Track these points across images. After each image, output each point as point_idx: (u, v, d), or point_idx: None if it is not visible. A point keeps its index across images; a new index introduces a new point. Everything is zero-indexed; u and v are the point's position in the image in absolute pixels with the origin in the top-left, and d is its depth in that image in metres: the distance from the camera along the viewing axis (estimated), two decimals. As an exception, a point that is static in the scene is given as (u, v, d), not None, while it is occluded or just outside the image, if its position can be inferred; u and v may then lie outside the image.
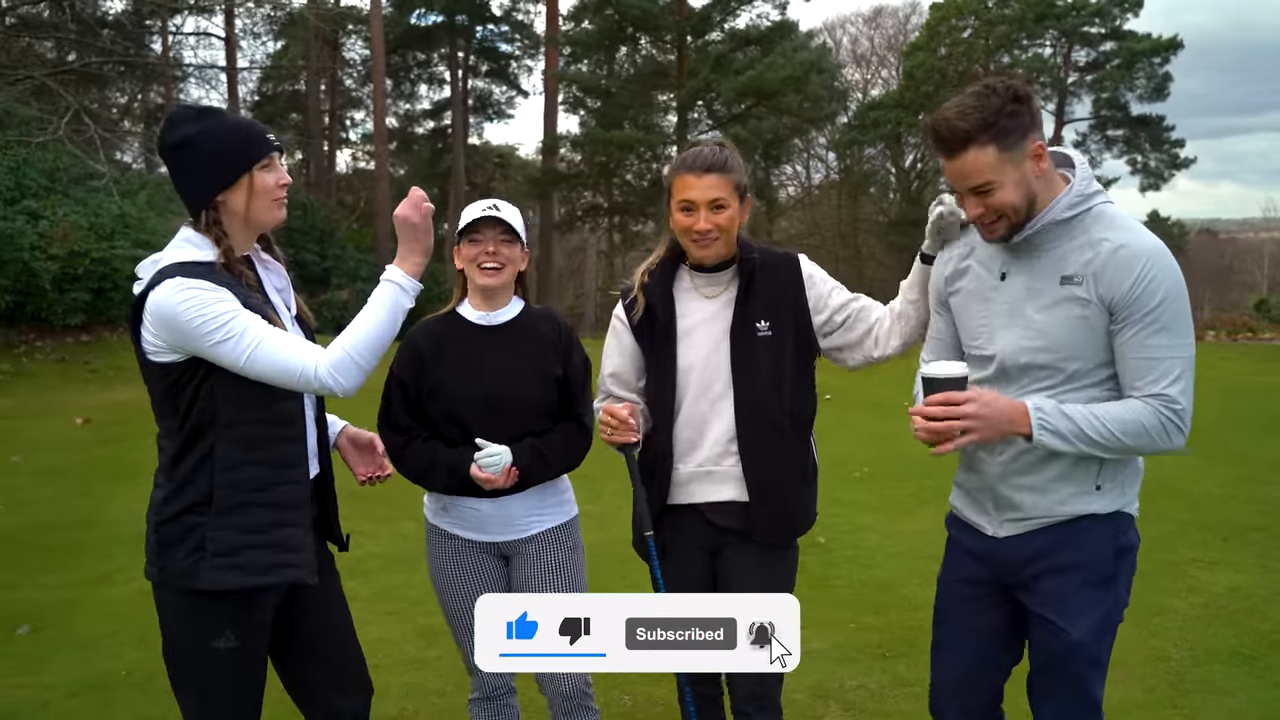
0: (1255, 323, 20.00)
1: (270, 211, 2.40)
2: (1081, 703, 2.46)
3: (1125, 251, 2.25)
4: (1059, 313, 2.32)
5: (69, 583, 5.68)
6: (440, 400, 2.87)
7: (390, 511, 6.79)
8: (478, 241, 2.83)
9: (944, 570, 2.71)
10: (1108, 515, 2.39)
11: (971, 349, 2.50)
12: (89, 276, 15.37)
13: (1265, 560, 5.67)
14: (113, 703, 4.14)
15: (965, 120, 2.23)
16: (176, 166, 2.37)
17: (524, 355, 2.90)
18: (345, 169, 39.22)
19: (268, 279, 2.49)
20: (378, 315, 2.38)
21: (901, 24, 44.69)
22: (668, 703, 4.06)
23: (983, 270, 2.47)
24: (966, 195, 2.32)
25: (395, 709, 4.07)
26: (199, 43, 31.68)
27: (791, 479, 2.81)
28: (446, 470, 2.83)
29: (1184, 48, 32.92)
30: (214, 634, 2.37)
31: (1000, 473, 2.45)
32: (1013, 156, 2.25)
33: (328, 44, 32.87)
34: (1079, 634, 2.39)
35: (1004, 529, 2.48)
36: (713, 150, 2.72)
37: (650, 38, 31.92)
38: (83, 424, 10.76)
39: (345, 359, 2.31)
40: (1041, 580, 2.43)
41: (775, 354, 2.75)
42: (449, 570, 2.97)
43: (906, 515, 6.76)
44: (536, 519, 2.95)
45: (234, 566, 2.31)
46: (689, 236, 2.70)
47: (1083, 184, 2.33)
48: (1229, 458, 8.06)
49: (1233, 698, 3.99)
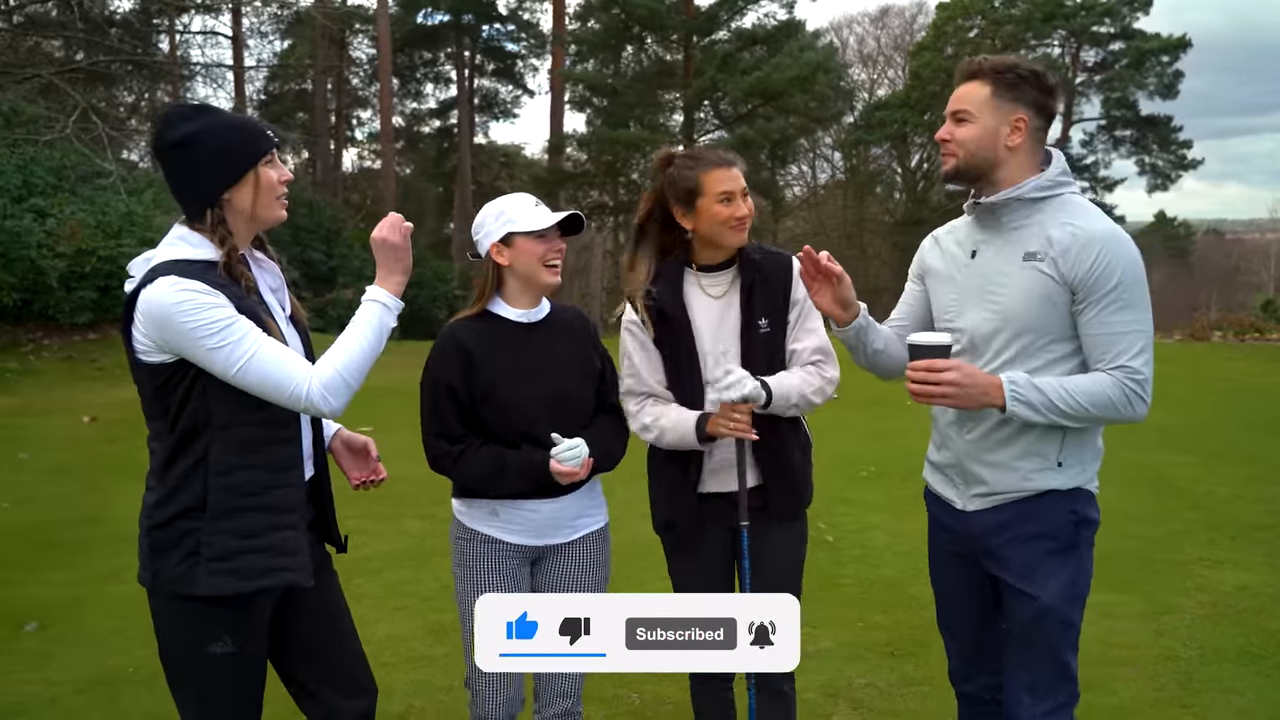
0: (1262, 323, 19.92)
1: (273, 209, 2.38)
2: (1057, 669, 2.56)
3: (1084, 236, 2.43)
4: (1021, 287, 2.48)
5: (76, 579, 5.69)
6: (497, 402, 2.78)
7: (395, 509, 6.80)
8: (545, 239, 2.79)
9: (930, 545, 2.87)
10: (1068, 490, 2.54)
11: (942, 323, 2.68)
12: (96, 275, 15.39)
13: (1273, 559, 5.65)
14: (120, 699, 4.14)
15: (985, 62, 2.53)
16: (177, 165, 2.33)
17: (571, 351, 2.90)
18: (351, 168, 39.35)
19: (262, 279, 2.45)
20: (365, 335, 2.35)
21: (908, 24, 44.65)
22: (676, 701, 4.06)
23: (956, 249, 2.68)
24: (949, 119, 2.57)
25: (402, 706, 4.07)
26: (206, 41, 31.79)
27: (798, 459, 2.99)
28: (519, 473, 2.75)
29: (1193, 46, 32.86)
30: (210, 639, 2.33)
31: (968, 449, 2.60)
32: (998, 107, 2.49)
33: (334, 43, 32.93)
34: (1048, 598, 2.52)
35: (972, 503, 2.63)
36: (723, 150, 2.94)
37: (657, 37, 31.93)
38: (90, 421, 10.78)
39: (337, 379, 2.28)
40: (1008, 549, 2.57)
41: (774, 349, 2.92)
42: (487, 575, 2.84)
43: (913, 514, 6.71)
44: (586, 519, 2.94)
45: (229, 571, 2.28)
46: (729, 225, 2.86)
47: (1054, 172, 2.53)
48: (1236, 458, 8.04)
49: (1242, 697, 3.98)
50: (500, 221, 2.79)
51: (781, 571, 2.98)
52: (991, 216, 2.56)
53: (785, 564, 3.00)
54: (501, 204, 2.83)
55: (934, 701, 4.01)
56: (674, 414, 2.92)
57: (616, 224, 34.99)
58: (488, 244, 2.80)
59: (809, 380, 2.88)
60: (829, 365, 2.92)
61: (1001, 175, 2.52)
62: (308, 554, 2.41)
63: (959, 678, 2.87)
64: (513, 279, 2.83)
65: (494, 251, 2.80)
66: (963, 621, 2.81)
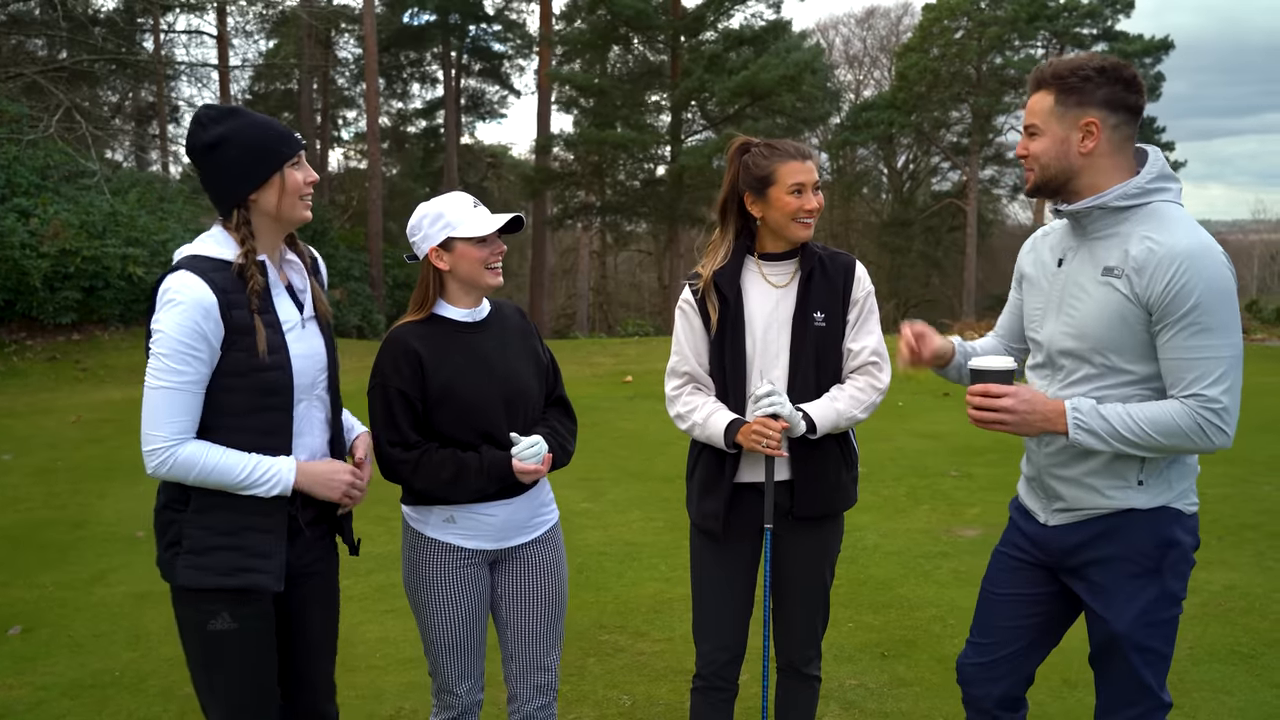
0: (1247, 323, 20.09)
1: (297, 209, 2.45)
2: (1135, 688, 2.50)
3: (1162, 251, 2.28)
4: (1096, 303, 2.38)
5: (61, 582, 5.65)
6: (454, 402, 2.73)
7: (387, 511, 6.76)
8: (485, 243, 2.75)
9: (998, 547, 2.80)
10: (1151, 510, 2.44)
11: (1028, 332, 2.63)
12: (80, 275, 15.31)
13: (1262, 559, 5.68)
14: (107, 703, 4.10)
15: (1049, 67, 2.41)
16: (209, 167, 2.39)
17: (519, 346, 2.89)
18: (337, 168, 39.15)
19: (292, 278, 2.53)
20: (237, 476, 2.35)
21: (894, 25, 44.88)
22: (668, 702, 4.04)
23: (1048, 255, 2.58)
24: (1023, 132, 2.47)
25: (392, 708, 4.04)
26: (191, 41, 31.65)
27: (832, 463, 2.95)
28: (479, 474, 2.71)
29: (1175, 48, 33.05)
30: (209, 616, 2.41)
31: (1046, 464, 2.55)
32: (1064, 115, 2.37)
33: (320, 43, 32.79)
34: (1119, 624, 2.47)
35: (1054, 518, 2.57)
36: (799, 142, 2.96)
37: (643, 37, 31.90)
38: (76, 421, 10.70)
39: (183, 472, 2.33)
40: (1087, 570, 2.52)
41: (827, 343, 2.93)
42: (449, 584, 2.80)
43: (902, 514, 6.76)
44: (540, 519, 2.92)
45: (201, 566, 2.37)
46: (797, 217, 2.88)
47: (1145, 179, 2.38)
48: (1224, 457, 8.05)
49: (1233, 697, 3.99)
50: (439, 225, 2.72)
51: (802, 577, 3.01)
52: (1079, 225, 2.45)
53: (807, 569, 3.01)
54: (439, 206, 2.75)
55: (925, 702, 4.01)
56: (707, 411, 2.91)
57: (603, 224, 34.97)
58: (426, 247, 2.75)
59: (859, 399, 2.89)
60: (883, 370, 2.94)
61: (1084, 183, 2.40)
62: (281, 559, 2.44)
63: (969, 676, 2.76)
64: (454, 282, 2.79)
65: (433, 256, 2.75)
66: (1000, 624, 2.70)
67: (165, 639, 4.55)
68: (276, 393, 2.40)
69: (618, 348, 18.48)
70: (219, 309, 2.30)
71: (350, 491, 2.55)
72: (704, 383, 3.00)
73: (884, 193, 44.46)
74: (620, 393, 12.67)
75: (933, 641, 4.59)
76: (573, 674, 4.29)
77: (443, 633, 2.82)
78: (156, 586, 5.26)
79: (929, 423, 9.43)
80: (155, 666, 4.41)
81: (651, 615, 5.03)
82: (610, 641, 4.70)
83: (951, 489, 7.46)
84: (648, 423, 10.38)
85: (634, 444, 9.33)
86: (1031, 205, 38.54)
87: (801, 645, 3.06)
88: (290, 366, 2.41)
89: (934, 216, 40.29)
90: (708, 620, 3.05)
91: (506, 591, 2.90)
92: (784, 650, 3.08)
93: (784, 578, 3.02)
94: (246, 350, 2.34)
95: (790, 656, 3.08)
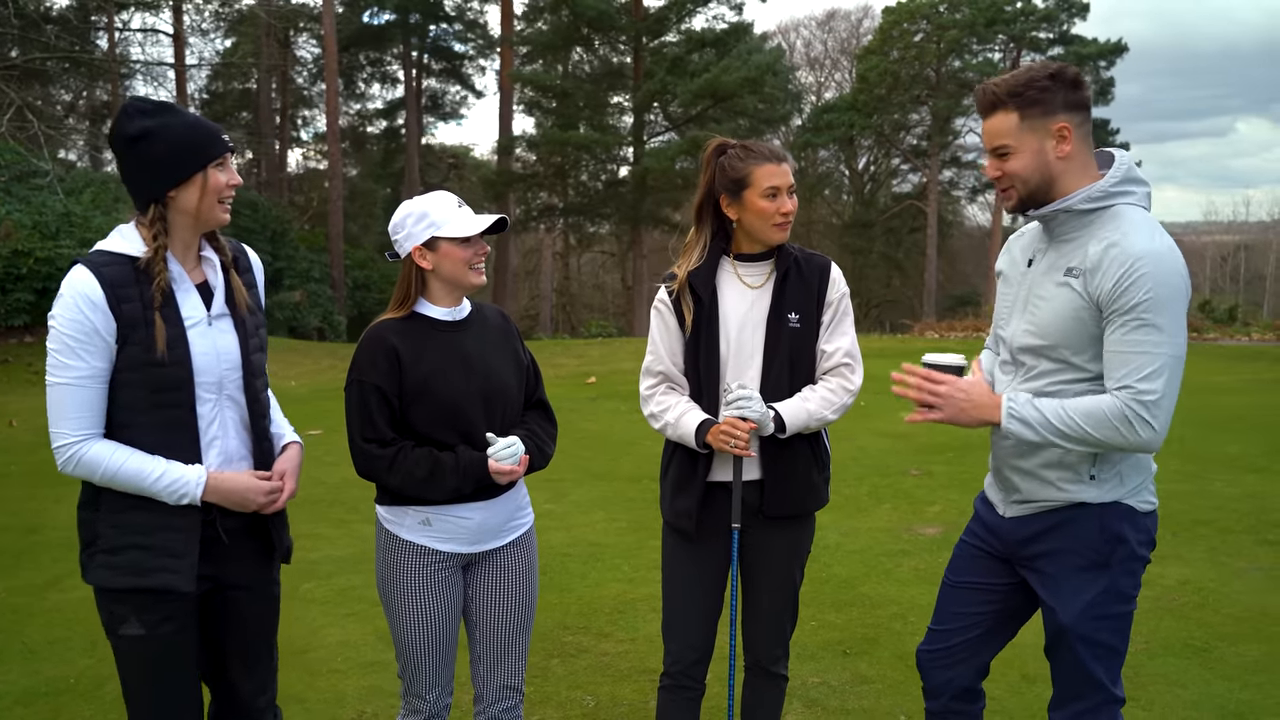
0: (1200, 323, 20.44)
1: (215, 211, 2.42)
2: (1084, 680, 2.54)
3: (1117, 251, 2.32)
4: (1056, 302, 2.43)
5: (15, 588, 5.55)
6: (430, 401, 2.70)
7: (346, 514, 6.72)
8: (470, 243, 2.73)
9: (961, 539, 2.84)
10: (1102, 505, 2.47)
11: (996, 329, 2.68)
12: (33, 276, 15.06)
13: (1214, 554, 5.77)
14: (62, 711, 4.03)
15: (999, 86, 2.40)
16: (130, 159, 2.37)
17: (499, 346, 2.86)
18: (297, 168, 38.81)
19: (208, 275, 2.50)
20: (143, 481, 2.34)
21: (854, 27, 45.23)
22: (631, 702, 4.04)
23: (1019, 255, 2.63)
24: (989, 157, 2.48)
25: (353, 712, 4.01)
26: (146, 39, 31.28)
27: (802, 462, 2.96)
28: (455, 473, 2.67)
29: (1129, 51, 33.58)
30: (120, 621, 2.41)
31: (1005, 455, 2.59)
32: (1034, 128, 2.39)
33: (279, 42, 32.49)
34: (1066, 616, 2.50)
35: (1011, 509, 2.62)
36: (775, 144, 2.98)
37: (605, 39, 31.93)
38: (12, 425, 10.52)
39: (83, 470, 2.35)
40: (1038, 561, 2.56)
41: (801, 344, 2.93)
42: (423, 588, 2.76)
43: (863, 513, 6.81)
44: (516, 522, 2.90)
45: (113, 566, 2.38)
46: (772, 220, 2.88)
47: (1110, 181, 2.41)
48: (1178, 454, 8.21)
49: (1187, 690, 4.05)
50: (424, 225, 2.70)
51: (772, 576, 3.02)
52: (1048, 227, 2.50)
53: (777, 568, 3.02)
54: (423, 205, 2.73)
55: (887, 699, 4.04)
56: (679, 411, 2.92)
57: (566, 226, 34.93)
58: (409, 246, 2.73)
59: (830, 400, 2.90)
60: (855, 372, 2.95)
61: (1062, 188, 2.43)
62: (193, 559, 2.41)
63: (929, 660, 2.79)
64: (436, 281, 2.77)
65: (416, 255, 2.73)
66: (957, 610, 2.74)
67: (122, 645, 4.47)
68: (173, 389, 2.36)
69: (581, 349, 18.46)
70: (106, 302, 2.28)
71: (265, 509, 2.51)
72: (678, 382, 3.00)
73: (845, 194, 44.78)
74: (584, 394, 12.66)
75: (894, 639, 4.63)
76: (536, 675, 4.28)
77: (415, 637, 2.79)
78: (113, 592, 5.20)
79: (891, 422, 9.51)
80: (112, 672, 4.28)
81: (615, 616, 5.03)
82: (574, 642, 4.70)
83: (913, 487, 7.53)
84: (611, 423, 10.37)
85: (597, 445, 9.32)
86: (990, 207, 38.98)
87: (769, 644, 3.06)
88: (190, 363, 2.37)
89: (895, 218, 40.65)
90: (676, 619, 3.05)
91: (479, 593, 2.88)
92: (752, 649, 3.09)
93: (754, 576, 3.03)
94: (140, 345, 2.31)
95: (758, 655, 3.08)
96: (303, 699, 4.09)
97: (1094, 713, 2.55)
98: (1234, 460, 8.21)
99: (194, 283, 2.45)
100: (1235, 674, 4.19)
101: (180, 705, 2.49)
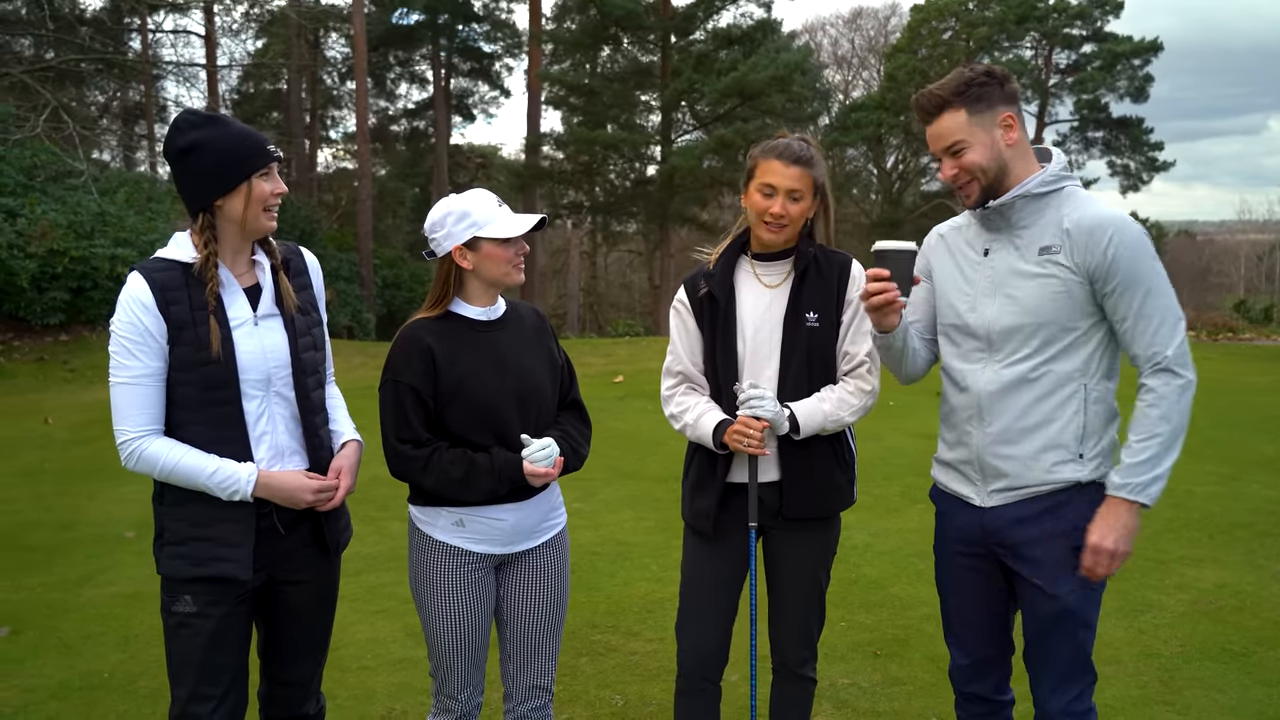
0: (1235, 323, 20.18)
1: (260, 219, 2.53)
2: (1081, 662, 2.59)
3: (1089, 221, 2.46)
4: (1039, 283, 2.51)
5: (50, 584, 5.61)
6: (465, 401, 2.68)
7: (376, 512, 6.75)
8: (511, 243, 2.72)
9: (937, 544, 2.83)
10: (1091, 482, 2.54)
11: (949, 318, 2.70)
12: (68, 275, 15.24)
13: (1252, 557, 5.69)
14: (96, 705, 4.07)
15: (942, 89, 2.54)
16: (180, 170, 2.48)
17: (534, 346, 2.84)
18: (326, 168, 39.01)
19: (260, 278, 2.60)
20: (198, 478, 2.46)
21: (882, 25, 44.95)
22: (660, 702, 4.03)
23: (966, 248, 2.69)
24: (943, 158, 2.57)
25: (383, 709, 4.03)
26: (178, 40, 31.48)
27: (822, 463, 2.91)
28: (490, 474, 2.66)
29: (1164, 49, 33.18)
30: (174, 599, 2.53)
31: (989, 443, 2.60)
32: (982, 121, 2.51)
33: (309, 42, 32.70)
34: (1070, 600, 2.54)
35: (992, 499, 2.62)
36: (801, 144, 2.87)
37: (633, 37, 31.89)
38: (47, 423, 10.64)
39: (143, 465, 2.46)
40: (1030, 547, 2.57)
41: (819, 344, 2.89)
42: (456, 588, 2.75)
43: (894, 514, 6.76)
44: (549, 524, 2.89)
45: (179, 556, 2.51)
46: (763, 218, 2.85)
47: (1056, 167, 2.57)
48: (1214, 456, 8.11)
49: (1225, 694, 3.99)
50: (465, 224, 2.68)
51: (796, 578, 2.99)
52: (1001, 217, 2.57)
53: (802, 570, 2.98)
54: (464, 204, 2.70)
55: (918, 701, 4.01)
56: (699, 411, 2.91)
57: (593, 224, 34.94)
58: (449, 245, 2.70)
59: (847, 402, 2.86)
60: (873, 373, 2.90)
61: (1013, 177, 2.55)
62: (249, 549, 2.52)
63: (965, 678, 2.81)
64: (475, 280, 2.75)
65: (457, 254, 2.71)
66: (976, 624, 2.76)
67: (155, 640, 4.52)
68: (220, 386, 2.47)
69: (609, 348, 18.46)
70: (156, 304, 2.41)
71: (318, 506, 2.61)
72: (698, 383, 2.98)
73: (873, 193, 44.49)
74: (611, 393, 12.65)
75: (925, 641, 4.59)
76: (565, 674, 4.28)
77: (447, 637, 2.78)
78: (146, 587, 5.25)
79: (922, 422, 9.44)
80: (145, 668, 4.38)
81: (643, 615, 5.02)
82: (602, 641, 4.69)
83: (942, 488, 7.45)
84: (639, 423, 10.36)
85: (626, 444, 9.31)
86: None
87: (796, 646, 3.03)
88: (235, 361, 2.48)
89: (923, 217, 40.33)
90: (690, 618, 3.03)
91: (511, 594, 2.87)
92: (778, 651, 3.06)
93: (778, 579, 3.00)
94: (190, 345, 2.43)
95: (785, 658, 3.05)
96: (333, 695, 4.10)
97: (1086, 692, 2.61)
98: (1271, 462, 8.09)
99: (244, 286, 2.56)
100: (1275, 679, 4.13)
101: (219, 687, 2.55)
